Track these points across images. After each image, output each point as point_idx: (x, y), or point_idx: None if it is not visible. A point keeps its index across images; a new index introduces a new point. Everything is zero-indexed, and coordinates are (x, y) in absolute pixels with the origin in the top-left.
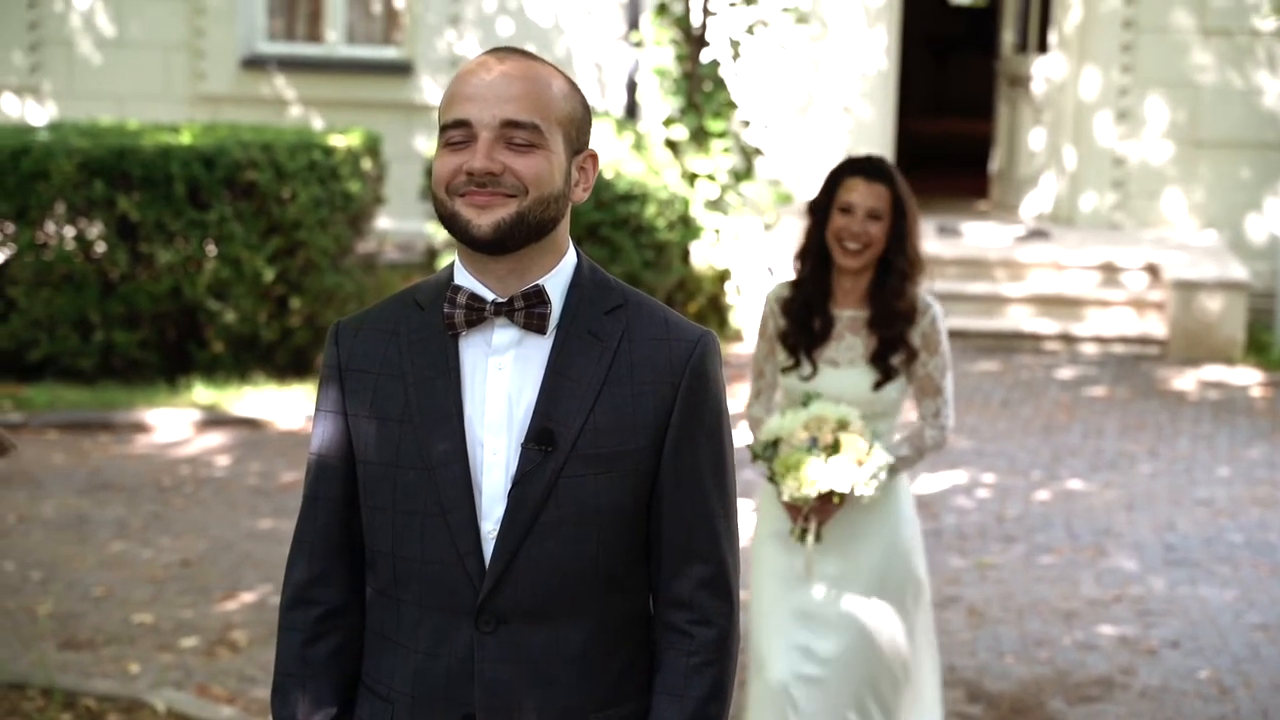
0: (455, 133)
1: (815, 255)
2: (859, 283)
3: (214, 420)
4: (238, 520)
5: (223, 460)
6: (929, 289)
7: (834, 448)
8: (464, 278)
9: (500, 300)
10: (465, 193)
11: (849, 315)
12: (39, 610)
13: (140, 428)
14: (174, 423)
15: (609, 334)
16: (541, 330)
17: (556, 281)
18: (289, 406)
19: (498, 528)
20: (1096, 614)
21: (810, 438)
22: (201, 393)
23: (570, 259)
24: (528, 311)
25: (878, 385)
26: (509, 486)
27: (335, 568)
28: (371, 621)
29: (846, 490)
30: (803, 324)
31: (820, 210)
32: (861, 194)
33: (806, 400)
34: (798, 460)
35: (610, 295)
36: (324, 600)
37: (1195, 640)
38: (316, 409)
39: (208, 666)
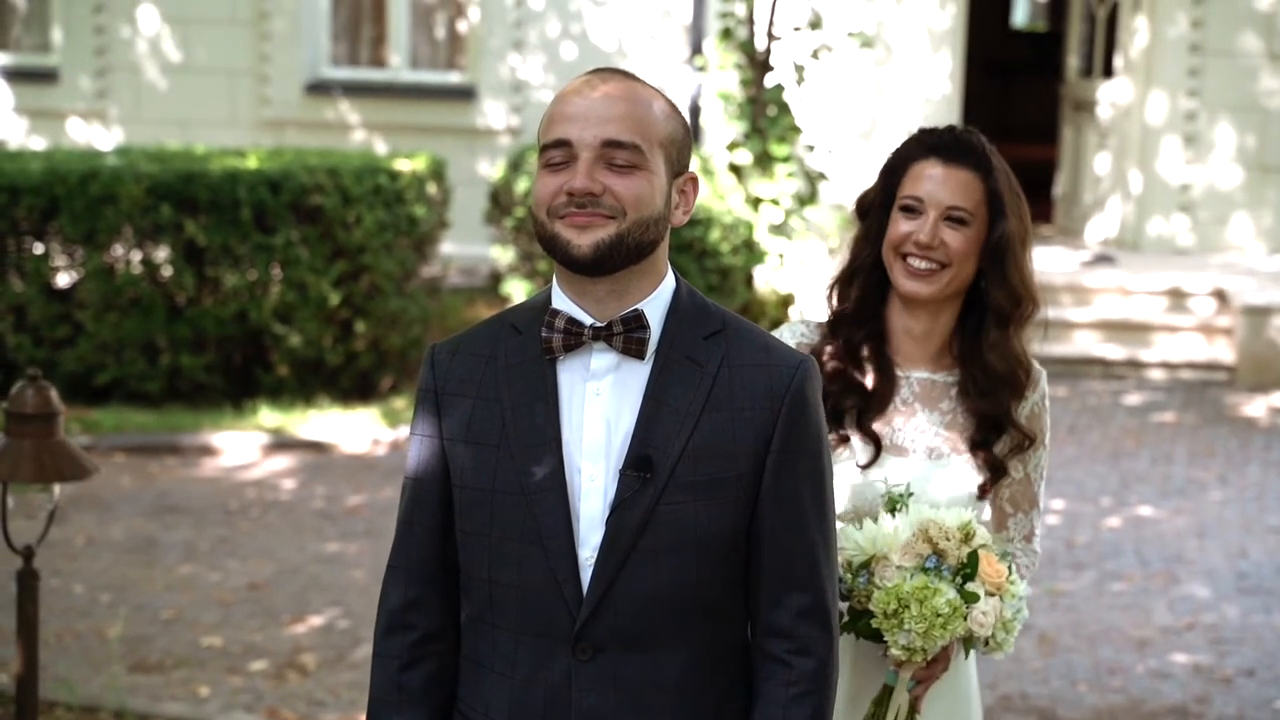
0: (555, 153)
1: (867, 280)
2: (936, 326)
3: (280, 444)
4: (304, 544)
5: (288, 484)
6: (1048, 354)
7: (968, 573)
8: (562, 301)
9: (599, 325)
10: (565, 214)
11: (921, 377)
12: (109, 633)
13: (206, 451)
14: (240, 446)
15: (708, 359)
16: (640, 355)
17: (655, 306)
18: (354, 430)
19: (595, 555)
20: (1169, 642)
21: (932, 556)
22: (267, 416)
23: (669, 283)
24: (626, 336)
25: (983, 491)
26: (607, 513)
27: (431, 593)
28: (466, 648)
29: (988, 635)
30: (848, 382)
31: (875, 209)
32: (936, 184)
33: (893, 503)
34: (924, 589)
35: (709, 320)
36: (420, 626)
37: (1271, 669)
38: (412, 433)
39: (277, 690)
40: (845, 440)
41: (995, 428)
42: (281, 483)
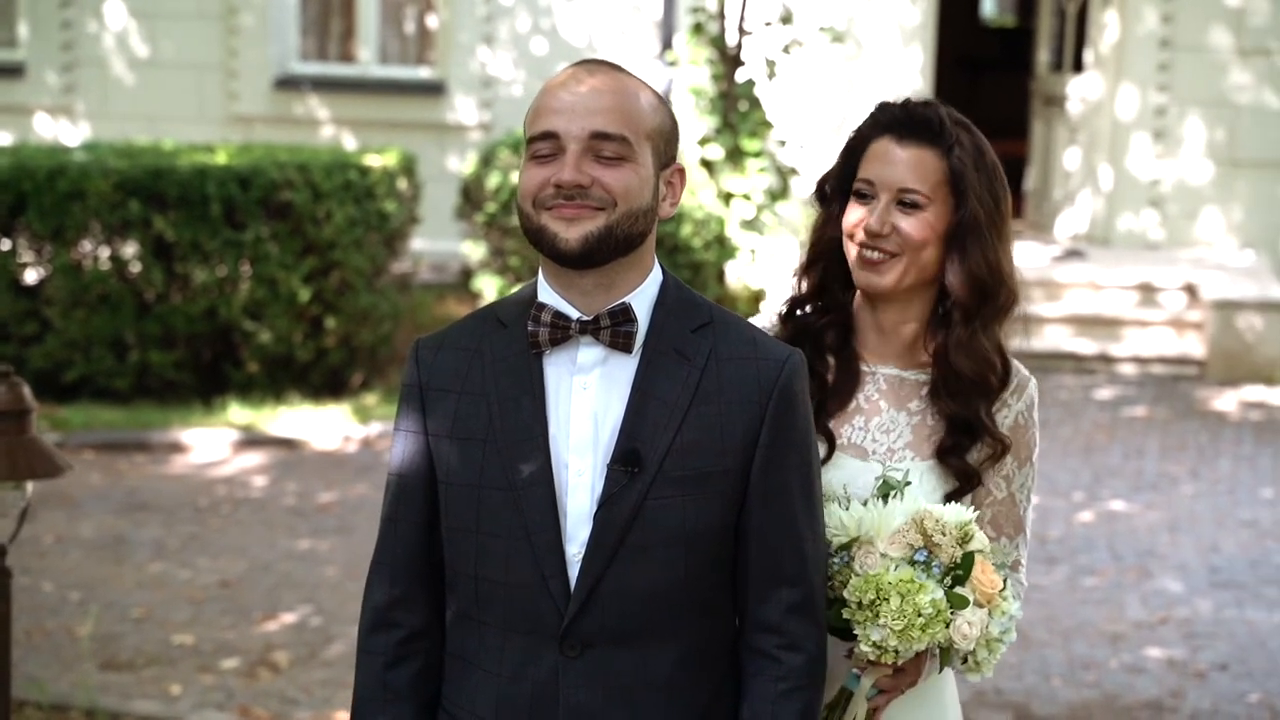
0: (542, 145)
1: (828, 269)
2: (905, 319)
3: (250, 440)
4: (275, 541)
5: (259, 481)
6: (1021, 350)
7: (959, 575)
8: (548, 295)
9: (585, 318)
10: (553, 206)
11: (889, 374)
12: (79, 631)
13: (176, 448)
14: (210, 443)
15: (696, 353)
16: (628, 349)
17: (643, 299)
18: (325, 426)
19: (583, 550)
20: (1143, 636)
21: (923, 549)
22: (237, 413)
23: (656, 276)
24: (613, 330)
25: (950, 498)
26: (594, 509)
27: (416, 590)
28: (452, 644)
29: (969, 649)
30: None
31: (835, 193)
32: (887, 164)
33: (887, 489)
34: (909, 583)
35: (697, 313)
36: (405, 623)
37: (1244, 663)
38: (396, 428)
39: (249, 688)
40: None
41: (967, 432)
42: (252, 480)
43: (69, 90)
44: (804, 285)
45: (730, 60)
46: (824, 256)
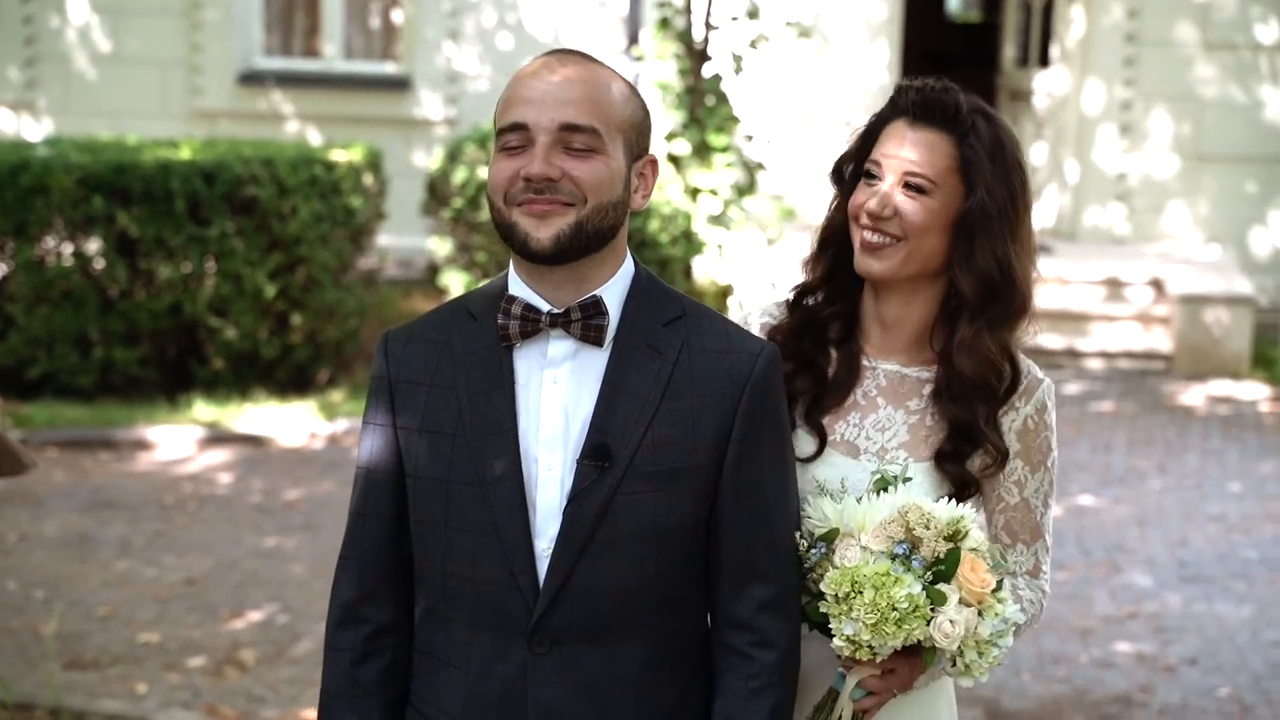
0: (512, 137)
1: (837, 255)
2: (908, 312)
3: (216, 438)
4: (241, 538)
5: (225, 478)
6: (1030, 350)
7: (942, 570)
8: (519, 287)
9: (556, 311)
10: (523, 201)
11: (890, 370)
12: (43, 630)
13: (141, 445)
14: (175, 440)
15: (668, 346)
16: (599, 342)
17: (614, 291)
18: (291, 423)
19: (552, 546)
20: (1112, 631)
21: (905, 542)
22: (202, 410)
23: (628, 268)
24: (584, 323)
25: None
26: (564, 504)
27: (385, 585)
28: (420, 640)
29: (953, 650)
30: (804, 363)
31: (850, 175)
32: (896, 146)
33: (883, 483)
34: (884, 576)
35: (669, 306)
36: (373, 619)
37: (1214, 657)
38: (365, 422)
39: (216, 686)
40: (790, 428)
41: (968, 438)
42: (218, 477)
43: (31, 86)
44: (813, 272)
45: (697, 55)
46: (834, 242)
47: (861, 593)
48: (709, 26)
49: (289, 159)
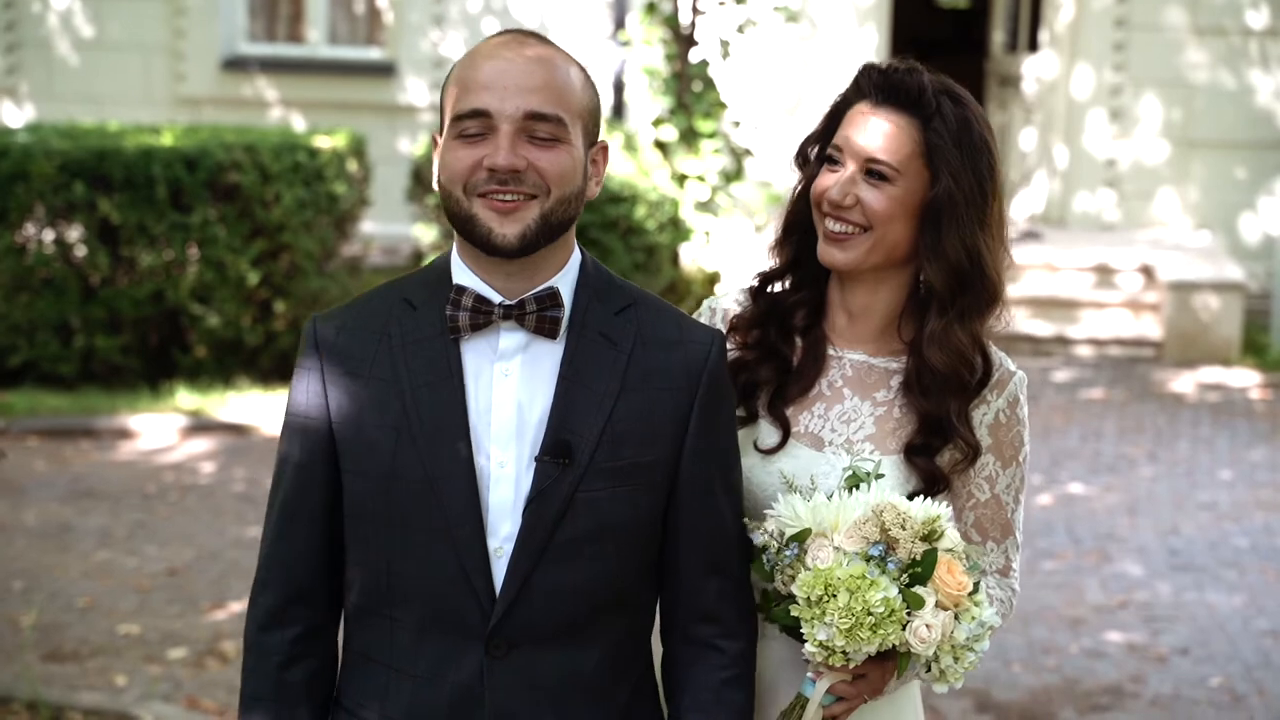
0: (471, 124)
1: (802, 241)
2: (875, 301)
3: (198, 426)
4: (224, 528)
5: (207, 467)
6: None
7: (918, 573)
8: (466, 276)
9: (509, 303)
10: (485, 192)
11: (857, 360)
12: (22, 621)
13: (123, 434)
14: (157, 429)
15: (621, 336)
16: (553, 334)
17: (566, 281)
18: (274, 411)
19: (506, 545)
20: (1103, 620)
21: (880, 543)
22: (185, 398)
23: (577, 255)
24: (539, 315)
25: (913, 499)
26: (522, 502)
27: (316, 585)
28: (354, 640)
29: (929, 655)
30: (768, 352)
31: (815, 159)
32: (857, 131)
33: (855, 481)
34: (859, 579)
35: (619, 295)
36: (303, 619)
37: (1205, 647)
38: (291, 413)
39: (196, 678)
40: (752, 419)
41: (938, 432)
42: (200, 466)
43: (12, 71)
44: (777, 259)
45: (684, 40)
46: (798, 228)
47: (835, 596)
48: (696, 11)
49: (272, 145)
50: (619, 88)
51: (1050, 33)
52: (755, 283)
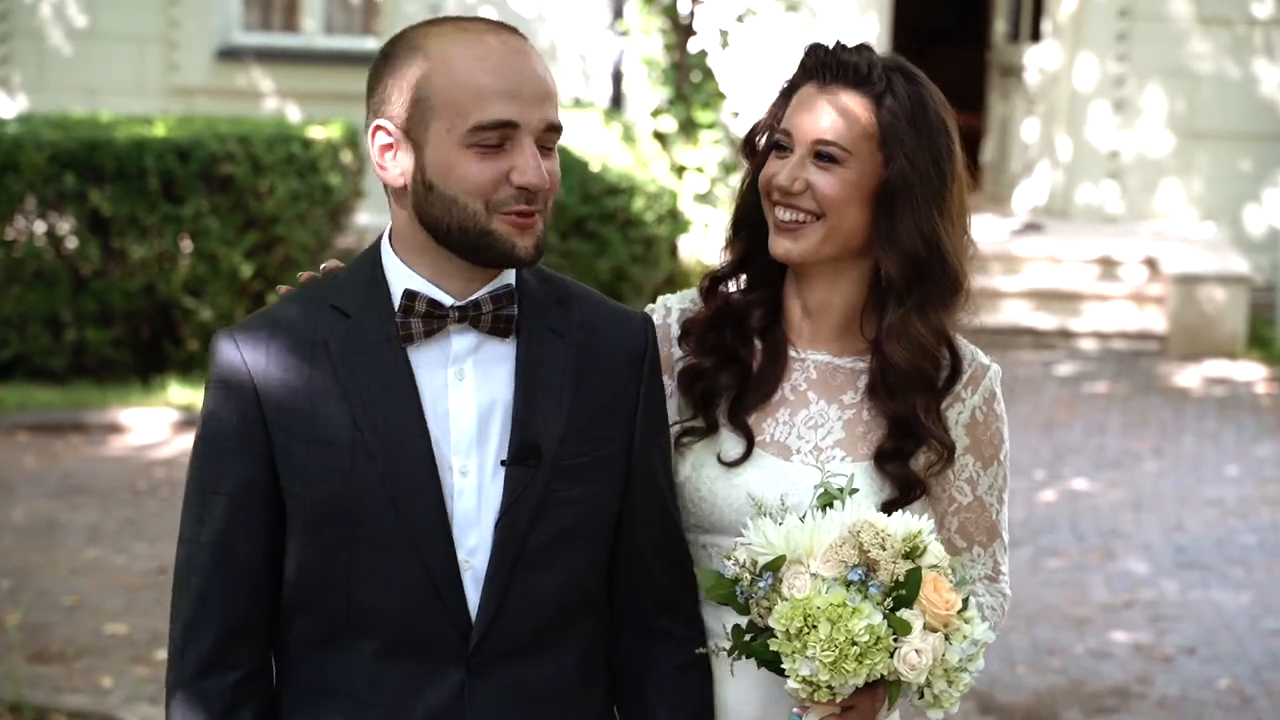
0: (493, 135)
1: (753, 235)
2: (834, 296)
3: (190, 421)
4: None
5: None
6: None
7: (902, 595)
8: (410, 279)
9: (459, 304)
10: (510, 211)
11: (820, 361)
12: (7, 621)
13: (114, 429)
14: (149, 423)
15: (567, 329)
16: (506, 333)
17: (511, 276)
18: None
19: (473, 558)
20: (1108, 620)
21: (860, 566)
22: (177, 392)
23: None
24: (495, 315)
25: (890, 508)
26: (492, 511)
27: (257, 621)
28: (302, 674)
29: (920, 682)
30: (728, 356)
31: (764, 146)
32: (807, 112)
33: (828, 499)
34: (840, 607)
35: (554, 286)
36: (244, 661)
37: (1212, 647)
38: (214, 437)
39: None
40: (713, 429)
41: (908, 435)
42: None
43: (4, 62)
44: (729, 256)
45: (683, 30)
46: (749, 222)
47: (816, 627)
48: (695, 0)
49: (265, 136)
50: (617, 78)
51: (1053, 22)
52: (705, 284)
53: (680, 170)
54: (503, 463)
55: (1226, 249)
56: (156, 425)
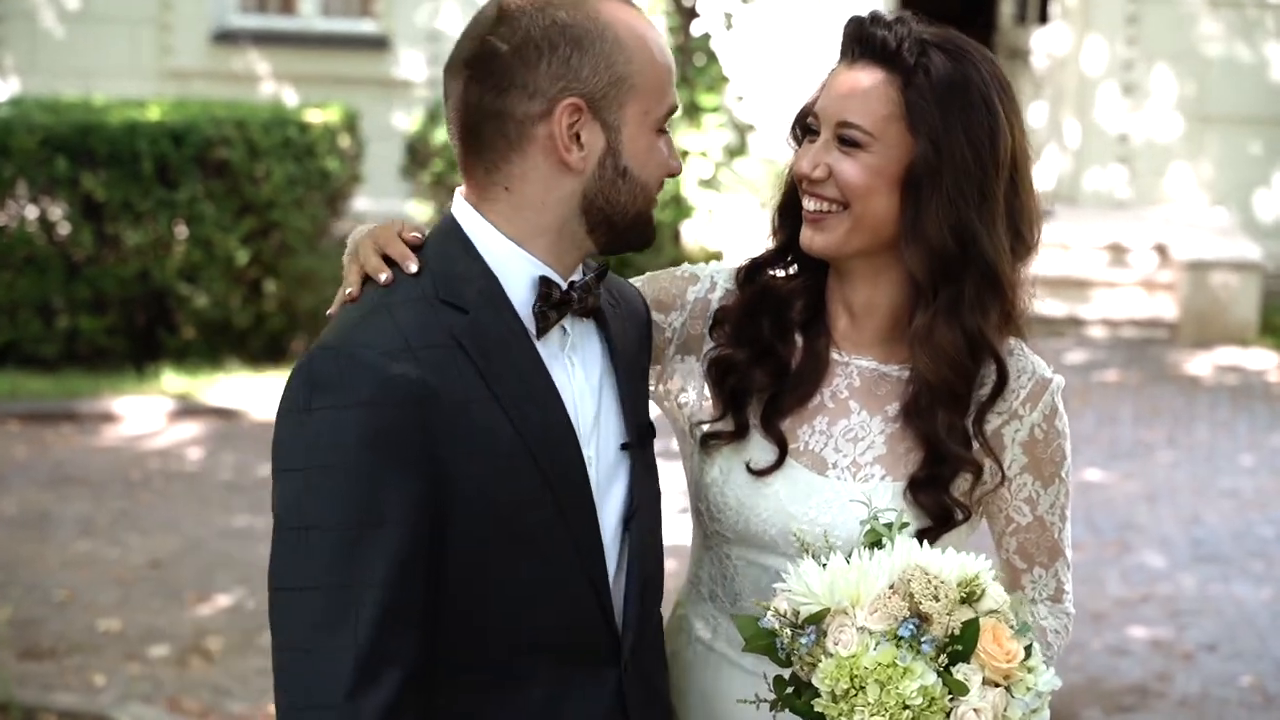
0: (666, 120)
1: (795, 223)
2: (876, 295)
3: (185, 410)
4: (211, 517)
5: (194, 453)
6: (1026, 341)
7: (958, 650)
8: (531, 264)
9: (578, 287)
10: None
11: (865, 367)
12: None
13: (107, 418)
14: (143, 413)
15: (614, 301)
16: (592, 314)
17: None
18: (264, 395)
19: (611, 550)
20: (1126, 615)
21: (911, 619)
22: (171, 380)
23: None
24: (593, 294)
25: (925, 536)
26: (619, 498)
27: (421, 657)
28: (457, 705)
29: None
30: (764, 350)
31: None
32: (832, 92)
33: (875, 538)
34: (889, 668)
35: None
36: (414, 707)
37: (1233, 643)
38: (363, 463)
39: (179, 678)
40: (742, 432)
41: (943, 459)
42: (187, 452)
43: None
44: (772, 243)
45: (686, 12)
46: (791, 210)
47: (864, 689)
48: None
49: (261, 120)
50: None
51: (1061, 4)
52: (743, 269)
53: (683, 155)
54: (623, 446)
55: (1237, 234)
56: (151, 414)
